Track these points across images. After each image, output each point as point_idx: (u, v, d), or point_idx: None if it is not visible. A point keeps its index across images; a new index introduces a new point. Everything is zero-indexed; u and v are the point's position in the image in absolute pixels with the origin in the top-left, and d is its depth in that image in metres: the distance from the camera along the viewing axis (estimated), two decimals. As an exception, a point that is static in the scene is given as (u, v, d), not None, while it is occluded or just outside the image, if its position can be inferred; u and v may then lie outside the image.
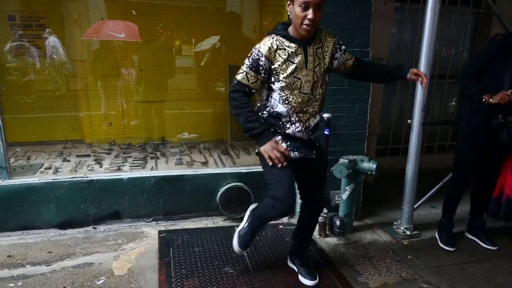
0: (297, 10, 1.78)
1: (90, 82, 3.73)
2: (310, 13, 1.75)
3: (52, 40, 3.50)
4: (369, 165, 2.79)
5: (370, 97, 3.03)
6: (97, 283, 2.25)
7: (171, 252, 2.57)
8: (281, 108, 1.94)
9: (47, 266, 2.41)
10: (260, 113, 2.03)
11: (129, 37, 3.62)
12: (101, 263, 2.45)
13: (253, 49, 1.88)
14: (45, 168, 3.05)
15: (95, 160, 3.27)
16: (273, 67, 1.87)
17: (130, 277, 2.31)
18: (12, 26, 3.38)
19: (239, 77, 1.89)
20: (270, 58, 1.85)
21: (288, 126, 1.98)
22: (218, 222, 3.09)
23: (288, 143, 2.01)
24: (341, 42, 2.03)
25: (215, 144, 3.89)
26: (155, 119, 3.96)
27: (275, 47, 1.86)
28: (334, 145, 2.97)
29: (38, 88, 3.63)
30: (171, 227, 2.97)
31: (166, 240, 2.73)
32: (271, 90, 1.95)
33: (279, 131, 2.00)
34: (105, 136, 3.83)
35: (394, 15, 3.94)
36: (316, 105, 1.98)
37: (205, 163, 3.29)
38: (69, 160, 3.26)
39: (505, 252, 2.77)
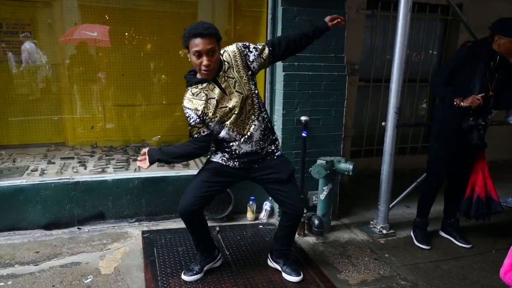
0: (193, 58, 1.92)
1: (73, 86, 3.78)
2: (204, 60, 1.89)
3: (27, 45, 3.55)
4: (346, 166, 2.90)
5: (345, 101, 3.18)
6: (85, 281, 2.31)
7: (155, 252, 2.65)
8: (221, 133, 2.10)
9: (35, 265, 2.47)
10: (212, 150, 2.24)
11: (103, 37, 3.73)
12: (87, 262, 2.52)
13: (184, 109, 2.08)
14: (31, 170, 3.09)
15: (79, 162, 3.32)
16: (199, 113, 2.03)
17: (117, 276, 2.38)
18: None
19: (190, 133, 2.13)
20: (193, 107, 2.03)
21: (232, 143, 2.13)
22: (201, 222, 3.17)
23: (232, 156, 2.16)
24: (246, 44, 2.05)
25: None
26: (135, 122, 4.03)
27: (192, 95, 2.03)
28: (311, 146, 3.10)
29: (20, 92, 3.68)
30: (154, 227, 3.04)
31: (149, 240, 2.80)
32: (210, 126, 2.09)
33: (227, 150, 2.16)
34: (87, 139, 3.88)
35: (366, 21, 4.11)
36: (251, 117, 2.08)
37: (186, 165, 3.37)
38: (54, 163, 3.30)
39: (478, 250, 2.86)
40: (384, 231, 3.06)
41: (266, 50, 2.07)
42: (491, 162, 2.98)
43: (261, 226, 3.13)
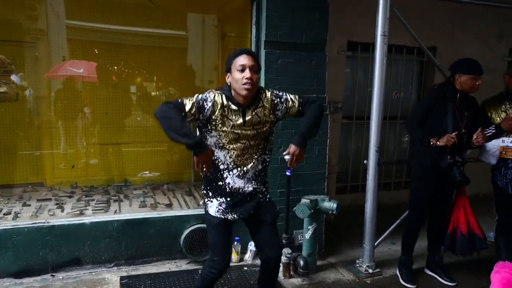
0: (236, 74, 1.96)
1: (53, 124, 3.73)
2: (247, 74, 1.94)
3: (13, 78, 3.54)
4: (330, 205, 2.91)
5: (328, 139, 3.22)
6: (53, 337, 2.16)
7: (133, 300, 2.53)
8: (218, 153, 2.06)
9: (0, 321, 2.30)
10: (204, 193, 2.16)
11: (89, 73, 3.73)
12: (58, 314, 2.37)
13: (204, 92, 2.03)
14: (4, 214, 2.96)
15: (57, 204, 3.21)
16: (213, 117, 1.99)
17: (89, 329, 2.24)
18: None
19: (180, 99, 1.95)
20: (214, 108, 1.98)
21: (226, 175, 2.08)
22: (182, 265, 3.06)
23: (228, 203, 2.09)
24: (279, 94, 2.11)
25: (179, 185, 3.93)
26: (118, 160, 3.98)
27: (220, 101, 2.00)
28: (295, 185, 3.09)
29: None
30: (133, 272, 2.91)
31: (128, 287, 2.67)
32: (207, 137, 2.05)
33: (220, 183, 2.09)
34: (67, 179, 3.78)
35: (347, 62, 4.28)
36: (253, 151, 2.08)
37: (169, 205, 3.31)
38: (29, 205, 3.18)
39: (463, 287, 2.87)
40: (370, 270, 3.04)
41: (294, 110, 2.11)
42: (472, 196, 3.02)
43: (246, 268, 3.04)
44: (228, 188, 2.09)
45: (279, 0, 2.96)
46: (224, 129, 2.02)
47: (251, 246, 3.18)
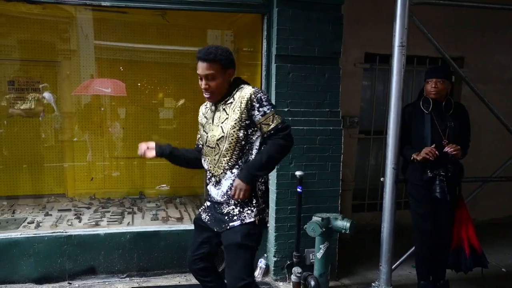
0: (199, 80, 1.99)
1: (75, 140, 3.95)
2: (203, 84, 1.95)
3: (46, 95, 3.78)
4: (343, 224, 2.79)
5: (342, 155, 3.12)
6: None
7: (141, 312, 2.56)
8: (202, 159, 2.11)
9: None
10: None
11: (116, 92, 3.89)
12: (71, 322, 2.45)
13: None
14: (28, 223, 3.14)
15: (75, 214, 3.35)
16: (200, 114, 2.18)
17: None
18: (10, 90, 3.77)
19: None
20: (200, 113, 2.17)
21: (208, 181, 2.09)
22: (191, 279, 3.04)
23: (207, 204, 2.11)
24: (262, 101, 1.90)
25: (191, 199, 3.98)
26: (134, 174, 4.12)
27: (203, 106, 2.17)
28: (307, 202, 3.02)
29: (26, 144, 3.86)
30: (145, 284, 2.96)
31: (138, 299, 2.73)
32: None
33: (207, 187, 2.11)
34: (86, 190, 3.96)
35: (365, 74, 4.13)
36: (223, 160, 1.93)
37: (180, 219, 3.35)
38: (51, 215, 3.35)
39: None
40: (387, 295, 2.85)
41: (265, 129, 1.92)
42: (506, 218, 2.78)
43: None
44: (208, 195, 2.09)
45: (290, 13, 2.93)
46: (199, 130, 2.13)
47: (261, 263, 3.12)
